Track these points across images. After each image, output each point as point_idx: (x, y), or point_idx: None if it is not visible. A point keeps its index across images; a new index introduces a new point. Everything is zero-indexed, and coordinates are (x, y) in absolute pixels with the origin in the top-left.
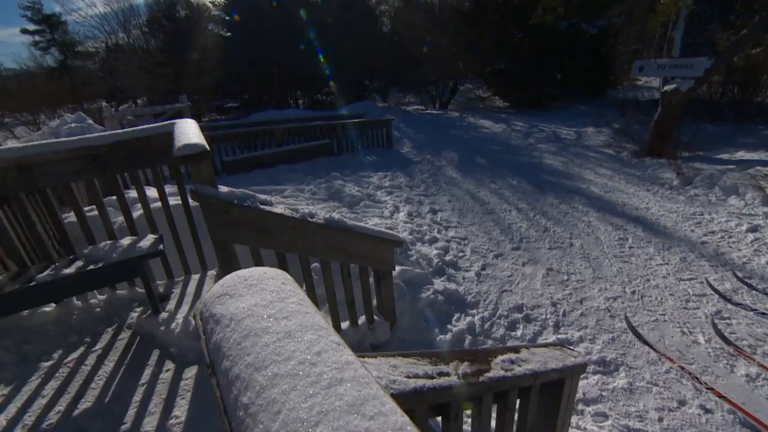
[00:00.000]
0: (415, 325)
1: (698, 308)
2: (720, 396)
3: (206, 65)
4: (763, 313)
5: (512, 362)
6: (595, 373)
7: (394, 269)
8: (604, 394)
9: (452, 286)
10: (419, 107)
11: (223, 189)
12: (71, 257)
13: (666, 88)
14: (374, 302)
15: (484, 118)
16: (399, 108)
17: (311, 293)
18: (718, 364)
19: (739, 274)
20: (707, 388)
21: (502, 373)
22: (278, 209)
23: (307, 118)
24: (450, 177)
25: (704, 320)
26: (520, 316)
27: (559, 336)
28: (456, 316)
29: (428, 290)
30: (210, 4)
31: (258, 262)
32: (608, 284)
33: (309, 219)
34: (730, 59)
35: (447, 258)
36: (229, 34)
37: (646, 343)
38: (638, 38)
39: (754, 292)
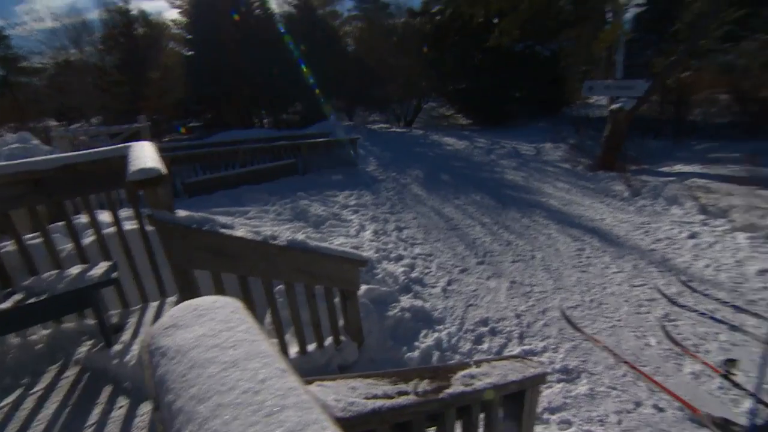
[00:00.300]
0: (382, 344)
1: (649, 312)
2: (633, 367)
3: (167, 84)
4: (704, 314)
5: (472, 377)
6: (558, 381)
7: (359, 289)
8: (567, 401)
9: (419, 302)
10: (384, 125)
11: (182, 213)
12: (7, 291)
13: (613, 106)
14: (341, 323)
15: (448, 135)
16: (364, 127)
17: (276, 316)
18: (667, 363)
19: (683, 278)
20: (623, 362)
21: (462, 388)
22: (239, 232)
23: (271, 137)
24: (415, 194)
25: (655, 323)
26: (485, 329)
27: (524, 347)
28: (423, 332)
29: (395, 308)
30: (170, 23)
31: (219, 288)
32: (569, 294)
33: (271, 241)
34: (664, 81)
35: (413, 275)
36: (191, 53)
37: (577, 329)
38: (587, 60)
39: (695, 294)
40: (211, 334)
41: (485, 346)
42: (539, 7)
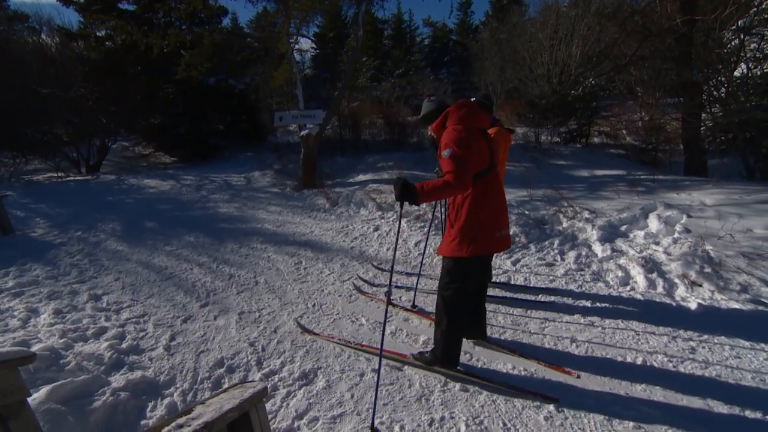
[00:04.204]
0: None
1: (358, 299)
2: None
3: None
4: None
5: (180, 426)
6: (300, 387)
7: (31, 395)
8: (311, 401)
9: (137, 374)
10: (55, 175)
11: None
12: None
13: (302, 132)
14: None
15: (150, 177)
16: (19, 178)
17: None
18: (376, 333)
19: (374, 263)
20: (357, 345)
21: None
22: None
23: None
24: (114, 251)
25: (363, 306)
26: (222, 370)
27: (264, 371)
28: (150, 405)
29: (103, 395)
30: None
31: None
32: (294, 306)
33: None
34: (336, 111)
35: (124, 346)
36: None
37: (308, 331)
38: (278, 93)
39: (384, 272)
40: None
41: (225, 386)
42: (222, 44)
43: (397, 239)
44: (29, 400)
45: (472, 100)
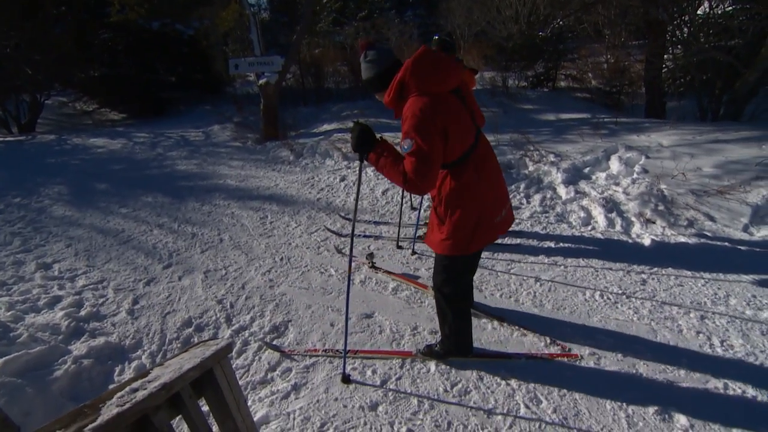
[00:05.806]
0: (59, 414)
1: (327, 249)
2: None
3: None
4: (358, 235)
5: (134, 390)
6: (271, 341)
7: None
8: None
9: (100, 340)
10: None
11: None
12: None
13: (260, 81)
14: None
15: (97, 135)
16: None
17: None
18: (343, 284)
19: (341, 214)
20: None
21: (116, 410)
22: None
23: None
24: (62, 217)
25: (330, 257)
26: (190, 330)
27: (234, 327)
28: (118, 369)
29: (64, 363)
30: None
31: None
32: (261, 261)
33: None
34: (295, 57)
35: (82, 313)
36: None
37: (276, 349)
38: (235, 38)
39: (351, 222)
40: None
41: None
42: None
43: (357, 193)
44: None
45: (434, 38)
